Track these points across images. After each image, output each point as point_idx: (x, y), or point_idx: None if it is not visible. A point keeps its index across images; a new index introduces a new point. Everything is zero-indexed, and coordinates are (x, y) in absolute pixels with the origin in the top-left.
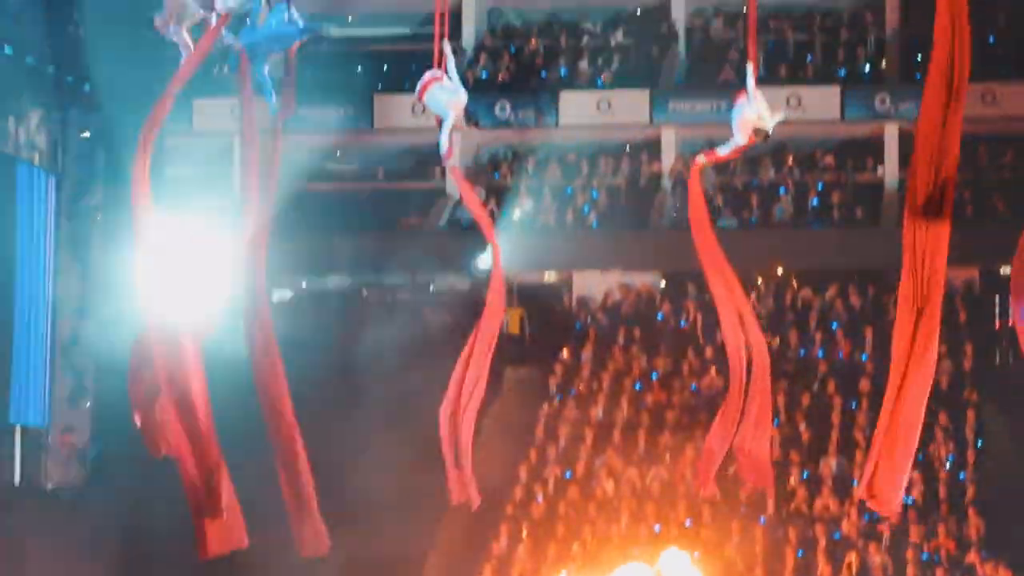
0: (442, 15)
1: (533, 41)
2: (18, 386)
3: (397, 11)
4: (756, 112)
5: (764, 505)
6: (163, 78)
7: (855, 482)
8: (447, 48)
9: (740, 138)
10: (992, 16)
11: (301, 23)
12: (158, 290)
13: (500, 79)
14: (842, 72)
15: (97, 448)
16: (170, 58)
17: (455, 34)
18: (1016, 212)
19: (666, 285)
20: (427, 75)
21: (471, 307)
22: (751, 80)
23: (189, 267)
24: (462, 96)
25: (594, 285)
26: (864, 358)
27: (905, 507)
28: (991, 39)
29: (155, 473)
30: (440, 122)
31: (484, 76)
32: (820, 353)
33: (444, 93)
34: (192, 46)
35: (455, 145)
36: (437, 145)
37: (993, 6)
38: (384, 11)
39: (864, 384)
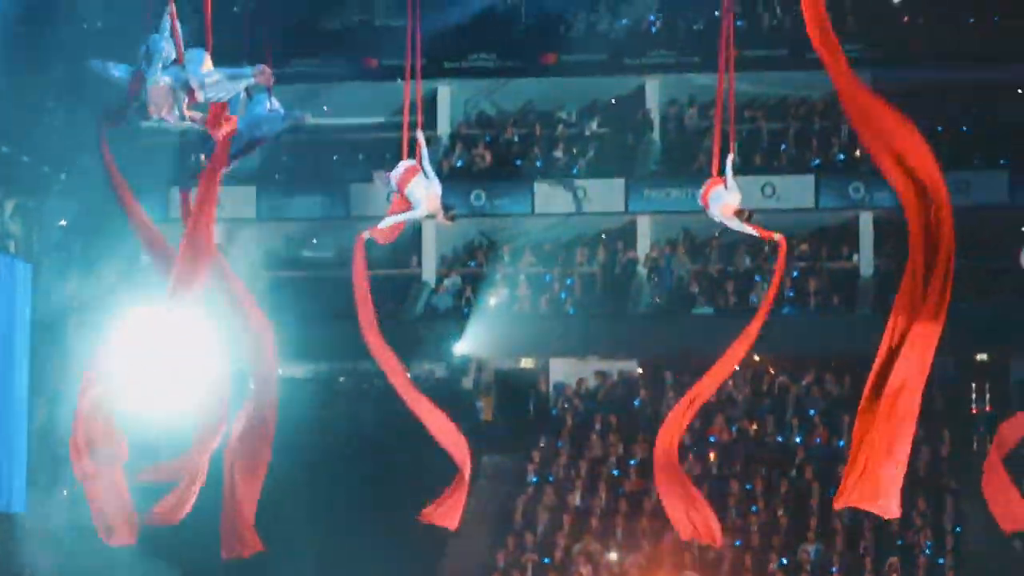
0: (414, 104)
1: (509, 130)
2: None
3: (372, 100)
4: (735, 196)
5: None
6: (138, 166)
7: (834, 569)
8: (421, 138)
9: (734, 223)
10: (965, 105)
11: (283, 111)
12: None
13: (476, 168)
14: (816, 161)
15: (72, 535)
16: (145, 147)
17: (430, 123)
18: (991, 300)
19: (642, 371)
20: (404, 165)
21: (448, 394)
22: (729, 168)
23: (162, 352)
24: (436, 188)
25: (570, 372)
26: (841, 444)
27: None
28: (964, 128)
29: (131, 561)
30: (401, 210)
31: (459, 165)
32: (798, 439)
33: (421, 186)
34: (196, 120)
35: (432, 231)
36: (413, 232)
37: (965, 96)
38: (360, 100)
39: (842, 471)
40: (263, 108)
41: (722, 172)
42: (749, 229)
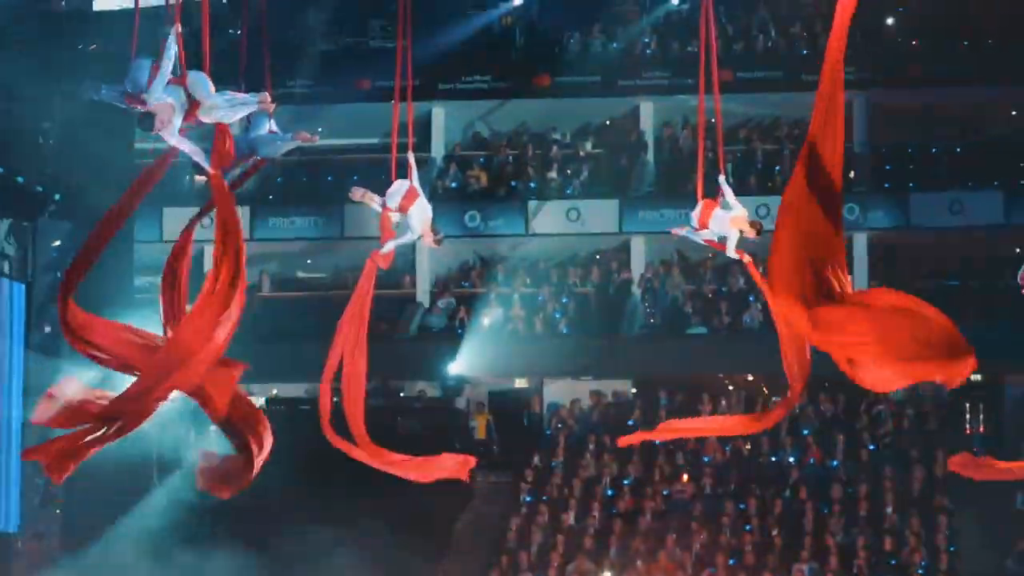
0: (404, 125)
1: (502, 151)
2: None
3: (366, 121)
4: (741, 210)
5: None
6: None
7: None
8: (412, 159)
9: (733, 236)
10: (959, 125)
11: (283, 133)
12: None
13: (470, 188)
14: None
15: (67, 555)
16: (142, 168)
17: (425, 144)
18: (985, 320)
19: (637, 391)
20: (404, 187)
21: (442, 413)
22: (725, 184)
23: None
24: (428, 210)
25: (564, 391)
26: (835, 464)
27: None
28: (958, 148)
29: None
30: (386, 230)
31: (454, 186)
32: (792, 459)
33: (418, 209)
34: (188, 147)
35: (426, 251)
36: (407, 252)
37: (958, 116)
38: (354, 121)
39: (836, 490)
40: (264, 130)
41: (711, 194)
42: (732, 251)
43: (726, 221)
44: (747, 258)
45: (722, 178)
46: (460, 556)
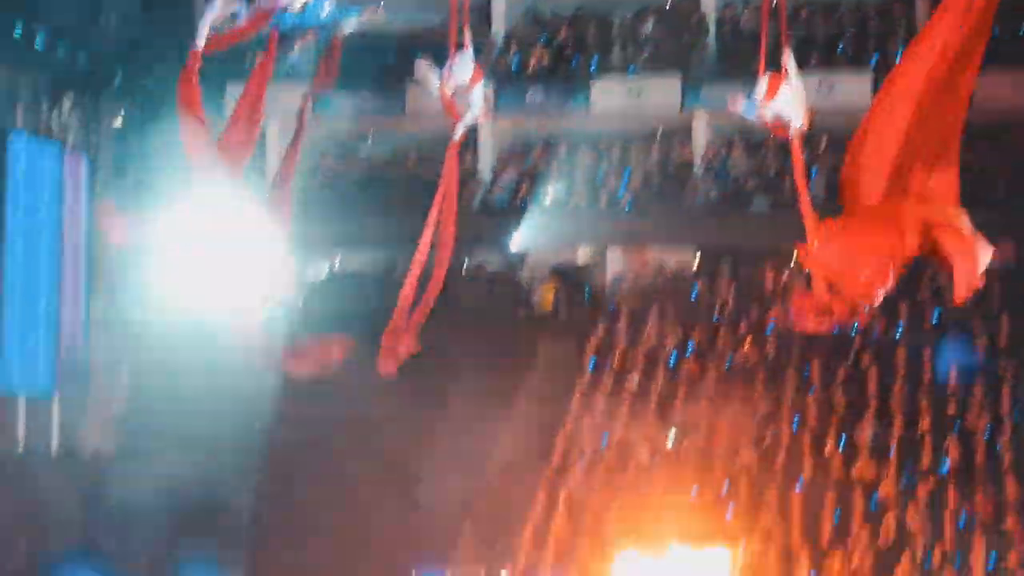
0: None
1: (563, 32)
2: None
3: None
4: (804, 91)
5: (801, 471)
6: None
7: (892, 450)
8: (467, 39)
9: (798, 119)
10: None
11: (343, 11)
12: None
13: (531, 67)
14: (874, 60)
15: (130, 417)
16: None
17: (485, 24)
18: None
19: (700, 262)
20: (470, 59)
21: (503, 285)
22: (793, 64)
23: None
24: (485, 89)
25: (627, 263)
26: (899, 333)
27: (944, 473)
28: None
29: (186, 442)
30: (451, 109)
31: (515, 65)
32: (855, 328)
33: (480, 87)
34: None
35: (488, 129)
36: (468, 130)
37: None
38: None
39: (899, 357)
40: (325, 11)
41: (776, 68)
42: (795, 131)
43: (791, 98)
44: (797, 141)
45: (788, 54)
46: (525, 422)
